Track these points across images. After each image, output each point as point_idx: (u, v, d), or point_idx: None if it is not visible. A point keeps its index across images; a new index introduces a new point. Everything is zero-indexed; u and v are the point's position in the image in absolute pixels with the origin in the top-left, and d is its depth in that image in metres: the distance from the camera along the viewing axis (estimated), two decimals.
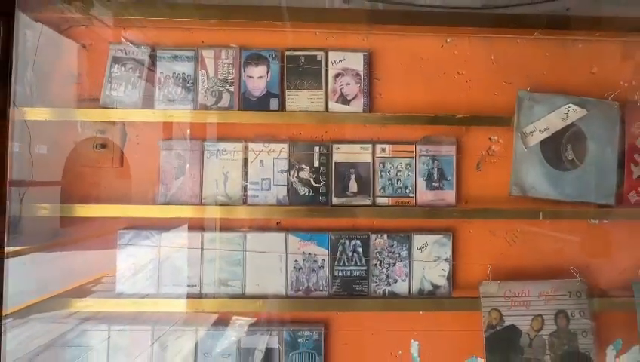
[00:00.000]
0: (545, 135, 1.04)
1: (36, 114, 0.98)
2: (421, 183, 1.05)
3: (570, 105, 1.03)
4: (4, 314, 0.79)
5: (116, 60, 1.04)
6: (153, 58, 1.05)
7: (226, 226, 1.04)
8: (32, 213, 0.94)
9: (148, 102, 1.04)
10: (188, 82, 1.05)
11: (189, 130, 1.06)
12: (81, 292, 1.02)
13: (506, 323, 1.03)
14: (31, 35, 1.00)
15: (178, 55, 1.05)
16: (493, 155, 1.08)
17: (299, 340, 1.03)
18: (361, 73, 1.06)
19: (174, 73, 1.05)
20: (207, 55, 1.05)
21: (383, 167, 1.05)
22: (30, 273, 0.94)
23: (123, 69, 1.04)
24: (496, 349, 1.02)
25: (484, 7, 1.04)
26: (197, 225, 1.04)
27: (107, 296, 1.01)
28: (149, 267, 1.03)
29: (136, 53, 1.05)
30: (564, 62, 1.09)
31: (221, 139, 1.05)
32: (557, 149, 1.04)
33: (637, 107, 1.06)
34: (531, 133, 1.04)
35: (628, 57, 1.09)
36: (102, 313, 1.03)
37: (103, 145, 1.06)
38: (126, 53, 1.05)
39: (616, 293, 1.07)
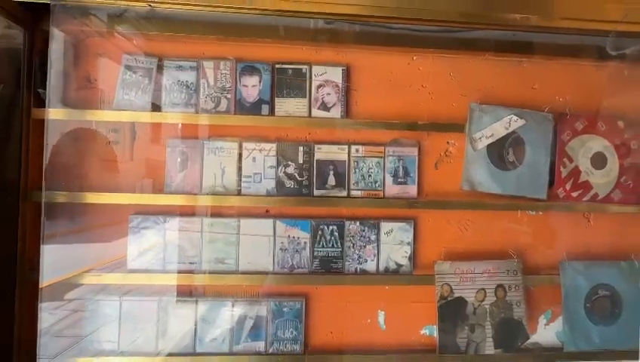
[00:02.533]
0: (491, 140, 1.24)
1: (58, 114, 1.13)
2: (388, 179, 1.24)
3: (511, 115, 1.24)
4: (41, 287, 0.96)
5: (128, 68, 1.20)
6: (160, 67, 1.21)
7: (222, 213, 1.22)
8: (53, 200, 1.10)
9: (155, 105, 1.21)
10: (190, 89, 1.22)
11: (180, 125, 1.23)
12: (98, 268, 1.18)
13: (455, 295, 1.24)
14: (55, 45, 1.16)
15: (182, 65, 1.22)
16: (449, 156, 1.28)
17: (284, 309, 1.22)
18: (340, 85, 1.24)
19: (179, 81, 1.22)
20: (208, 66, 1.22)
21: (357, 164, 1.24)
22: (59, 253, 1.10)
23: (134, 76, 1.20)
24: (446, 317, 1.24)
25: (444, 32, 1.23)
26: (197, 212, 1.21)
27: (119, 271, 1.18)
28: (156, 247, 1.20)
29: (146, 63, 1.21)
30: (509, 79, 1.29)
31: (219, 138, 1.22)
32: (500, 152, 1.25)
33: (567, 118, 1.27)
34: (480, 138, 1.24)
35: (562, 77, 1.29)
36: (114, 286, 1.19)
37: (116, 142, 1.22)
38: (137, 63, 1.20)
39: (546, 272, 1.30)
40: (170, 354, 1.18)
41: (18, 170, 1.12)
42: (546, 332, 1.30)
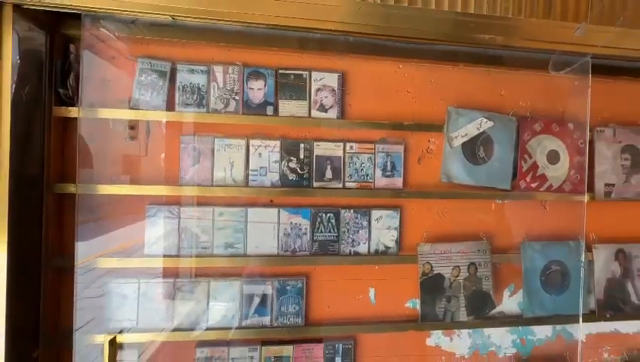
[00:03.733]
0: (465, 139, 1.45)
1: (84, 113, 1.22)
2: (378, 172, 1.42)
3: (482, 118, 1.45)
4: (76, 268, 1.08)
5: (143, 71, 1.30)
6: (174, 70, 1.33)
7: (232, 203, 1.35)
8: (84, 191, 1.21)
9: (169, 105, 1.32)
10: (202, 91, 1.34)
11: (192, 123, 1.35)
12: (118, 253, 1.29)
13: (435, 272, 1.44)
14: (73, 48, 1.25)
15: (194, 69, 1.33)
16: (430, 153, 1.48)
17: (287, 287, 1.38)
18: (336, 89, 1.40)
19: (191, 83, 1.33)
20: (217, 70, 1.34)
21: (351, 159, 1.41)
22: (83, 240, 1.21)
23: (149, 78, 1.30)
24: (427, 291, 1.44)
25: (426, 45, 1.40)
26: (209, 202, 1.35)
27: (137, 255, 1.30)
28: (171, 234, 1.32)
29: (160, 66, 1.32)
30: (480, 87, 1.49)
31: (228, 136, 1.35)
32: (473, 149, 1.46)
33: (527, 121, 1.49)
34: (456, 137, 1.44)
35: (524, 85, 1.51)
36: (132, 270, 1.31)
37: (132, 138, 1.33)
38: (151, 66, 1.31)
39: (510, 251, 1.52)
40: (185, 329, 1.31)
41: (41, 165, 1.21)
42: (510, 302, 1.53)
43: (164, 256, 1.31)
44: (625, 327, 1.62)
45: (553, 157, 1.51)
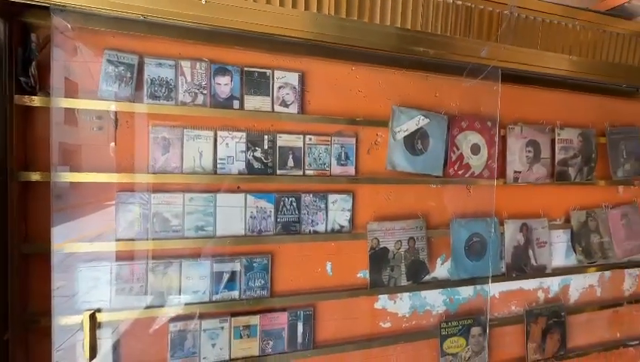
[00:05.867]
0: (406, 133, 1.71)
1: (49, 102, 1.25)
2: (334, 161, 1.62)
3: (420, 116, 1.72)
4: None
5: (110, 63, 1.35)
6: (141, 63, 1.39)
7: (201, 189, 1.47)
8: (54, 179, 1.24)
9: (138, 97, 1.38)
10: (170, 84, 1.42)
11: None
12: (89, 238, 1.35)
13: (381, 246, 1.70)
14: (35, 37, 1.26)
15: (162, 63, 1.41)
16: (378, 145, 1.71)
17: (254, 264, 1.54)
18: (297, 87, 1.57)
19: (159, 76, 1.41)
20: (185, 65, 1.43)
21: (310, 150, 1.59)
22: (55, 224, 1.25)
23: (116, 70, 1.36)
24: (375, 262, 1.69)
25: (376, 49, 1.61)
26: (179, 189, 1.45)
27: (109, 240, 1.37)
28: (142, 219, 1.41)
29: (127, 59, 1.37)
30: (420, 89, 1.76)
31: (197, 127, 1.46)
32: (412, 142, 1.72)
33: (456, 119, 1.80)
34: (398, 132, 1.70)
35: (454, 89, 1.81)
36: (105, 254, 1.37)
37: (100, 128, 1.38)
38: (118, 58, 1.36)
39: (442, 227, 1.84)
40: (158, 306, 1.42)
41: (4, 153, 1.23)
42: (441, 269, 1.86)
43: (136, 239, 1.39)
44: (527, 284, 2.05)
45: (475, 149, 1.84)
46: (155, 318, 1.43)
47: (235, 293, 1.52)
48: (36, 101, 1.26)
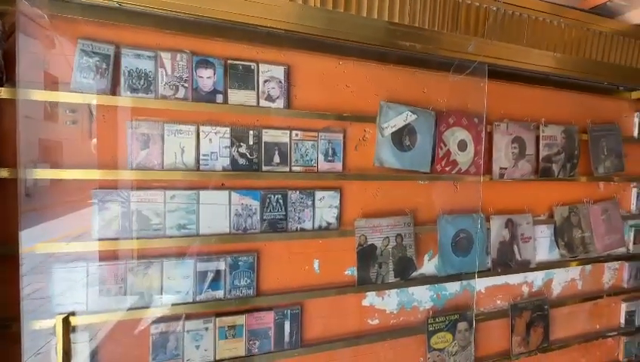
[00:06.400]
0: (393, 129, 1.69)
1: (17, 93, 1.17)
2: (321, 157, 1.60)
3: (408, 112, 1.71)
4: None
5: (84, 53, 1.28)
6: (118, 54, 1.32)
7: (183, 186, 1.42)
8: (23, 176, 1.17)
9: (115, 89, 1.32)
10: (149, 77, 1.36)
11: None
12: (64, 238, 1.28)
13: (369, 243, 1.69)
14: (0, 25, 1.17)
15: (140, 54, 1.34)
16: (365, 141, 1.70)
17: (239, 263, 1.50)
18: (283, 81, 1.53)
19: (137, 68, 1.34)
20: (165, 57, 1.37)
21: (297, 146, 1.56)
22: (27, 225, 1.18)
23: (91, 60, 1.29)
24: (362, 259, 1.68)
25: (363, 43, 1.59)
26: (160, 186, 1.39)
27: (85, 240, 1.30)
28: (121, 217, 1.35)
29: (102, 49, 1.30)
30: (408, 85, 1.75)
31: (178, 122, 1.40)
32: (400, 138, 1.71)
33: (443, 115, 1.80)
34: (386, 128, 1.68)
35: (441, 85, 1.80)
36: (81, 254, 1.31)
37: (74, 122, 1.30)
38: (93, 48, 1.29)
39: (429, 223, 1.84)
40: (138, 308, 1.37)
41: None
42: (429, 265, 1.86)
43: (114, 238, 1.33)
44: (512, 279, 2.08)
45: (462, 145, 1.84)
46: (136, 320, 1.37)
47: (220, 293, 1.48)
48: (3, 93, 1.18)
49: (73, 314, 1.26)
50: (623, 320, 2.42)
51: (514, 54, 1.56)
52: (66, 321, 1.20)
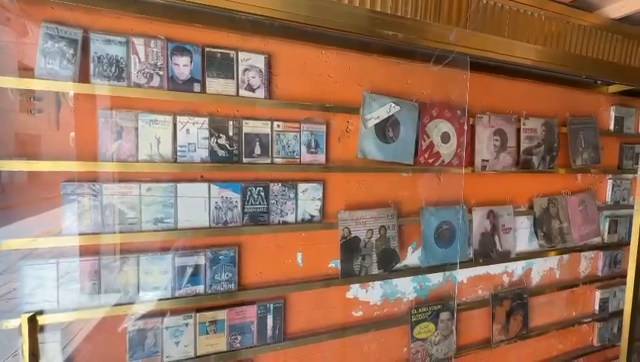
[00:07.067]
0: (377, 121, 1.68)
1: None
2: (303, 149, 1.57)
3: (391, 103, 1.70)
4: None
5: (49, 37, 1.20)
6: (86, 39, 1.25)
7: (160, 179, 1.36)
8: None
9: (83, 76, 1.25)
10: (121, 63, 1.29)
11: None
12: (32, 233, 1.21)
13: (352, 235, 1.68)
14: None
15: (111, 39, 1.27)
16: (348, 132, 1.68)
17: (220, 257, 1.47)
18: (263, 70, 1.48)
19: (107, 54, 1.27)
20: (138, 43, 1.31)
21: (278, 137, 1.53)
22: None
23: (57, 45, 1.21)
24: (346, 251, 1.67)
25: (345, 31, 1.55)
26: (135, 178, 1.34)
27: (54, 235, 1.24)
28: (92, 211, 1.29)
29: (69, 33, 1.23)
30: (391, 75, 1.73)
31: (153, 111, 1.34)
32: (383, 130, 1.70)
33: (427, 107, 1.79)
34: (369, 119, 1.67)
35: (425, 76, 1.80)
36: (50, 250, 1.25)
37: (40, 111, 1.23)
38: (58, 32, 1.22)
39: (412, 215, 1.85)
40: (113, 305, 1.32)
41: None
42: (412, 256, 1.87)
43: (86, 234, 1.28)
44: (493, 269, 2.13)
45: (445, 137, 1.85)
46: (111, 318, 1.33)
47: (200, 288, 1.44)
48: None
49: (41, 312, 1.20)
50: (597, 307, 2.52)
51: (496, 46, 1.57)
52: (32, 320, 1.14)
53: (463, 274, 2.03)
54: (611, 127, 2.45)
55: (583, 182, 2.38)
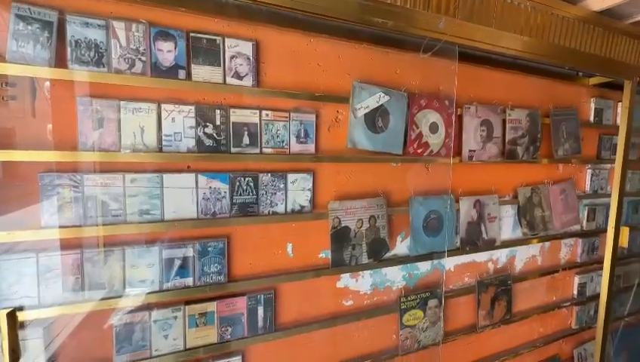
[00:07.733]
0: (366, 110, 1.67)
1: None
2: (293, 139, 1.55)
3: (380, 93, 1.69)
4: None
5: (20, 18, 1.13)
6: (62, 21, 1.18)
7: (145, 169, 1.32)
8: None
9: (60, 61, 1.18)
10: (100, 48, 1.23)
11: (91, 83, 1.24)
12: (9, 226, 1.16)
13: (343, 225, 1.68)
14: None
15: (89, 22, 1.21)
16: (338, 122, 1.66)
17: (209, 249, 1.44)
18: (251, 57, 1.44)
19: (86, 38, 1.21)
20: (119, 26, 1.25)
21: (267, 126, 1.50)
22: None
23: (30, 27, 1.14)
24: (336, 241, 1.68)
25: (334, 18, 1.52)
26: (118, 168, 1.29)
27: (32, 228, 1.19)
28: (73, 203, 1.24)
29: (43, 15, 1.16)
30: (381, 65, 1.72)
31: (136, 99, 1.29)
32: (373, 120, 1.70)
33: (416, 97, 1.80)
34: (359, 109, 1.66)
35: (414, 66, 1.80)
36: (28, 244, 1.19)
37: (13, 98, 1.16)
38: (31, 13, 1.14)
39: (402, 205, 1.86)
40: (98, 300, 1.28)
41: None
42: (401, 246, 1.90)
43: (67, 226, 1.23)
44: (479, 257, 2.18)
45: (434, 128, 1.86)
46: (96, 312, 1.29)
47: (189, 280, 1.42)
48: None
49: (21, 308, 1.15)
50: (575, 292, 2.63)
51: (484, 36, 1.58)
52: (11, 316, 1.09)
53: (450, 263, 2.07)
54: (591, 118, 2.53)
55: (564, 172, 2.46)
